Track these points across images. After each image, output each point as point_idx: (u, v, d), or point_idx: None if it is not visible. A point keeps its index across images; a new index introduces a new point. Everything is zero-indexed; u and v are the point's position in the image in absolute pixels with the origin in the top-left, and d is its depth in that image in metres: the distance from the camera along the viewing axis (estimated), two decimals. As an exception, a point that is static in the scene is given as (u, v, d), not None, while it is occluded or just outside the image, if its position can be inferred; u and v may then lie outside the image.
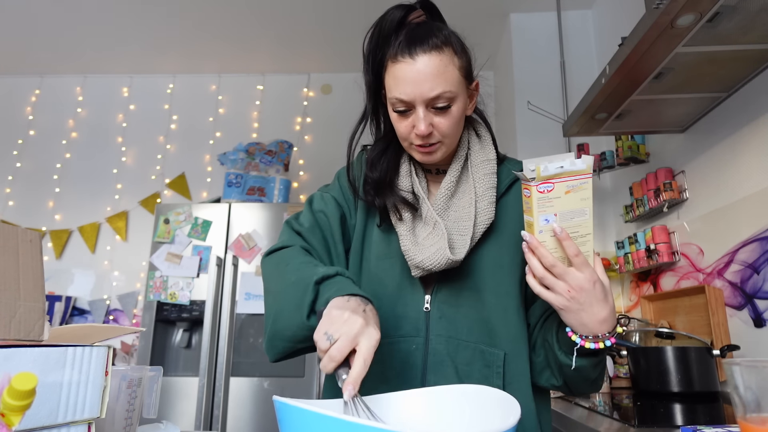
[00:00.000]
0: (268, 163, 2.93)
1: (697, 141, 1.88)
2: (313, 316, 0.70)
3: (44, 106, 3.56)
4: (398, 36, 0.82)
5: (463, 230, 0.83)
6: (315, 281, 0.72)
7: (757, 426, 0.53)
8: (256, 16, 2.98)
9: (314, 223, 0.90)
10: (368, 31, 0.85)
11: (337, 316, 0.63)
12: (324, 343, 0.62)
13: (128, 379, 0.77)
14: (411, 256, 0.82)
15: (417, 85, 0.78)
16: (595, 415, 1.28)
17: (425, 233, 0.84)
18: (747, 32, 1.30)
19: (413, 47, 0.78)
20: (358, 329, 0.62)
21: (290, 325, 0.73)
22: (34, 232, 0.57)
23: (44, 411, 0.50)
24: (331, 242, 0.89)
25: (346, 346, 0.61)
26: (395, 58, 0.80)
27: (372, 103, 0.90)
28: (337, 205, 0.92)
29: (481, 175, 0.88)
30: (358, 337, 0.62)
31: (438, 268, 0.80)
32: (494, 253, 0.86)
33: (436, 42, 0.78)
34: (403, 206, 0.86)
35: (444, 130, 0.82)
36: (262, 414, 2.31)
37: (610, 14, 2.61)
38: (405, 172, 0.90)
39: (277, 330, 0.76)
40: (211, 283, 2.38)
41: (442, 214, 0.86)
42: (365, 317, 0.64)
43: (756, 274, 1.55)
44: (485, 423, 0.63)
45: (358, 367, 0.60)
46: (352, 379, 0.59)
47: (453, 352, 0.82)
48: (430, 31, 0.80)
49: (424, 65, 0.77)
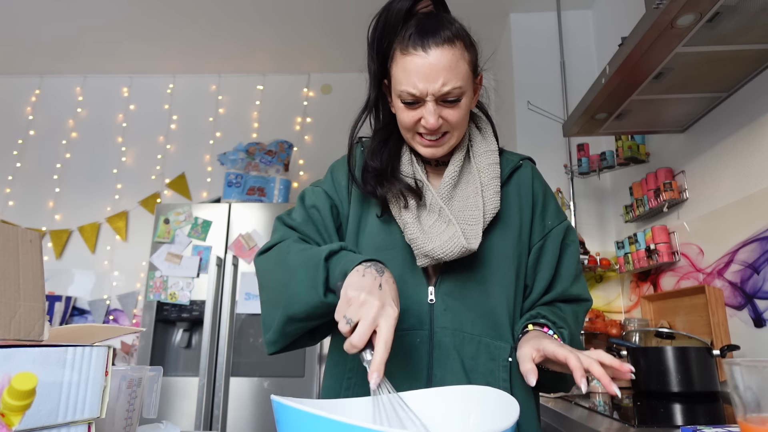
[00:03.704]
0: (268, 163, 2.93)
1: (697, 141, 1.88)
2: (329, 294, 0.71)
3: (44, 106, 3.56)
4: (407, 26, 0.81)
5: (471, 219, 0.82)
6: (324, 258, 0.72)
7: (757, 426, 0.53)
8: (256, 16, 2.98)
9: (307, 217, 0.89)
10: (373, 18, 0.84)
11: (354, 297, 0.64)
12: (345, 327, 0.63)
13: (128, 379, 0.77)
14: (420, 244, 0.80)
15: (429, 79, 0.77)
16: (595, 415, 1.28)
17: (431, 221, 0.84)
18: (747, 32, 1.30)
19: (426, 39, 0.77)
20: (375, 312, 0.62)
21: (307, 306, 0.73)
22: (34, 232, 0.57)
23: (44, 411, 0.50)
24: (325, 235, 0.89)
25: (366, 332, 0.62)
26: (406, 50, 0.78)
27: (375, 92, 0.89)
28: (328, 197, 0.91)
29: (485, 165, 0.88)
30: (377, 319, 0.62)
31: (451, 257, 0.79)
32: (499, 244, 0.86)
33: (448, 35, 0.78)
34: (408, 193, 0.85)
35: (453, 122, 0.81)
36: (262, 414, 2.30)
37: (610, 14, 2.61)
38: (407, 161, 0.90)
39: (293, 314, 0.74)
40: (211, 283, 2.38)
41: (447, 202, 0.85)
42: (381, 296, 0.64)
43: (756, 274, 1.55)
44: (489, 423, 0.63)
45: (381, 352, 0.61)
46: (376, 366, 0.60)
47: (459, 345, 0.81)
48: (441, 23, 0.79)
49: (436, 59, 0.77)
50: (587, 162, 2.40)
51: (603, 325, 2.15)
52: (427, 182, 0.87)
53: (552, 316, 0.82)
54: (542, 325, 0.81)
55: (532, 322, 0.82)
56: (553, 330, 0.79)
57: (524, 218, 0.90)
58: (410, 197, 0.85)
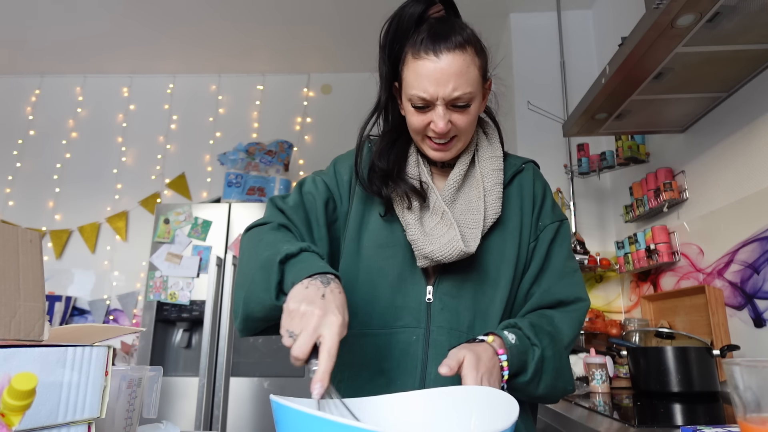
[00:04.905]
0: (268, 163, 2.93)
1: (697, 141, 1.88)
2: (282, 296, 0.70)
3: (44, 106, 3.56)
4: (419, 30, 0.81)
5: (472, 223, 0.83)
6: (279, 261, 0.71)
7: (757, 426, 0.53)
8: (256, 16, 2.98)
9: (299, 202, 0.89)
10: (386, 22, 0.85)
11: (294, 311, 0.63)
12: (287, 341, 0.61)
13: (128, 379, 0.77)
14: (420, 246, 0.81)
15: (440, 84, 0.78)
16: (595, 415, 1.28)
17: (433, 223, 0.84)
18: (747, 32, 1.30)
19: (438, 44, 0.78)
20: (315, 322, 0.60)
21: (261, 307, 0.73)
22: (34, 232, 0.57)
23: (44, 411, 0.50)
24: (314, 223, 0.88)
25: (307, 343, 0.60)
26: (418, 54, 0.79)
27: (386, 95, 0.90)
28: (327, 188, 0.91)
29: (489, 170, 0.89)
30: (318, 329, 0.60)
31: (449, 259, 0.80)
32: (498, 245, 0.87)
33: (459, 40, 0.78)
34: (413, 195, 0.86)
35: (461, 127, 0.82)
36: (262, 414, 2.30)
37: (610, 14, 2.61)
38: (413, 162, 0.91)
39: (249, 312, 0.75)
40: (211, 283, 2.38)
41: (449, 205, 0.86)
42: (323, 305, 0.62)
43: (756, 274, 1.55)
44: (489, 424, 0.63)
45: (324, 362, 0.59)
46: (319, 376, 0.58)
47: (455, 344, 0.80)
48: (453, 28, 0.80)
49: (448, 64, 0.77)
50: (587, 162, 2.40)
51: (603, 325, 2.15)
52: (432, 184, 0.88)
53: (528, 329, 0.79)
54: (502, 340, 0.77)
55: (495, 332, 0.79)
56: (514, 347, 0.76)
57: (525, 220, 0.90)
58: (414, 199, 0.86)
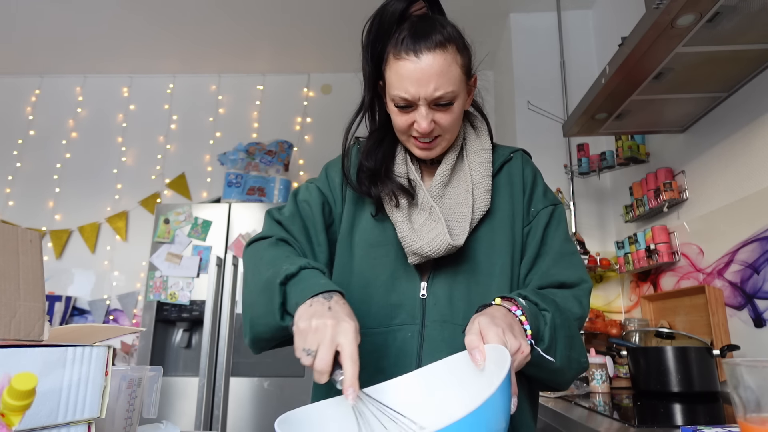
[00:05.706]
0: (268, 163, 2.93)
1: (697, 141, 1.88)
2: (287, 316, 0.71)
3: (44, 106, 3.56)
4: (400, 29, 0.81)
5: (460, 217, 0.84)
6: (279, 282, 0.72)
7: (757, 426, 0.53)
8: (256, 16, 2.98)
9: (295, 212, 0.90)
10: (368, 21, 0.85)
11: (305, 329, 0.63)
12: (307, 360, 0.62)
13: (128, 379, 0.77)
14: (408, 242, 0.82)
15: (421, 84, 0.78)
16: (595, 415, 1.28)
17: (421, 219, 0.85)
18: (747, 32, 1.30)
19: (418, 44, 0.78)
20: (330, 332, 0.61)
21: (268, 329, 0.74)
22: (34, 232, 0.57)
23: (44, 411, 0.50)
24: (312, 231, 0.89)
25: (328, 354, 0.60)
26: (399, 55, 0.79)
27: (370, 95, 0.90)
28: (321, 193, 0.92)
29: (477, 163, 0.89)
30: (335, 338, 0.61)
31: (437, 254, 0.80)
32: (488, 235, 0.87)
33: (440, 39, 0.78)
34: (400, 193, 0.86)
35: (445, 125, 0.83)
36: (262, 414, 2.30)
37: (610, 14, 2.61)
38: (401, 160, 0.91)
39: (257, 334, 0.77)
40: (211, 283, 2.38)
41: (438, 201, 0.87)
42: (333, 315, 0.63)
43: (756, 274, 1.55)
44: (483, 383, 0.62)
45: (349, 368, 0.59)
46: (349, 382, 0.59)
47: (449, 338, 0.81)
48: (433, 26, 0.79)
49: (428, 64, 0.77)
50: (587, 162, 2.40)
51: (603, 325, 2.15)
52: (420, 182, 0.88)
53: (534, 296, 0.76)
54: (513, 300, 0.73)
55: (502, 296, 0.76)
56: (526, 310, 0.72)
57: (516, 207, 0.90)
58: (402, 197, 0.86)
